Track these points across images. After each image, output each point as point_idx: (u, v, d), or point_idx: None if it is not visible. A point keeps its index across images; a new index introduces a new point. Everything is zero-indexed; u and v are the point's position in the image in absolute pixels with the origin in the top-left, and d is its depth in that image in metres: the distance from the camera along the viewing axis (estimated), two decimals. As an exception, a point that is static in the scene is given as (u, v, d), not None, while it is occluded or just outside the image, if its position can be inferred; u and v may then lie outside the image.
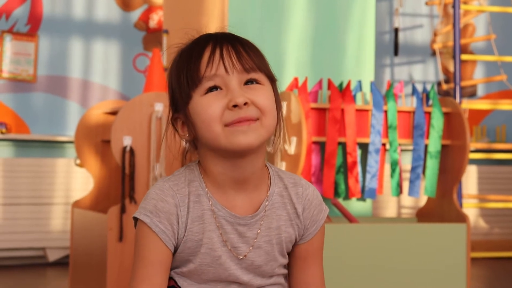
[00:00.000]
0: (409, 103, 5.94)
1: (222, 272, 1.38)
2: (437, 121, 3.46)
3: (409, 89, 5.72)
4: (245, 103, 1.32)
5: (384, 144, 3.48)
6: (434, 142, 3.46)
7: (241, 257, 1.39)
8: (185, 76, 1.35)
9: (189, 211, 1.37)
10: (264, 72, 1.38)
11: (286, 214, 1.43)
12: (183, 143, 1.44)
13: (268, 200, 1.41)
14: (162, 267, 1.37)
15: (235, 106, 1.31)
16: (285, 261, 1.46)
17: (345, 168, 3.45)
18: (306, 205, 1.44)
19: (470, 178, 5.63)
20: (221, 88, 1.34)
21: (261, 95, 1.35)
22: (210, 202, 1.38)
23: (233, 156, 1.36)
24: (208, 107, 1.33)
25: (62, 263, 4.84)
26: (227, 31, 1.42)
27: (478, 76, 6.06)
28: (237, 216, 1.38)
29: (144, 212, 1.37)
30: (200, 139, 1.38)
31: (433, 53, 5.91)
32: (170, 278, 1.41)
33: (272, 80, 1.40)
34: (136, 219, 1.39)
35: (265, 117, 1.34)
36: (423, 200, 5.10)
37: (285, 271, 1.47)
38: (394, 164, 3.46)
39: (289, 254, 1.48)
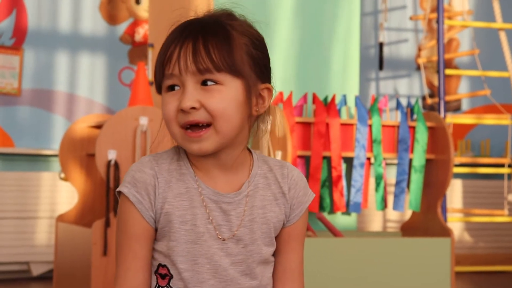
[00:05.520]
0: (394, 118, 5.96)
1: (205, 253, 1.37)
2: (422, 136, 3.48)
3: (393, 104, 5.74)
4: (193, 107, 1.32)
5: (368, 158, 3.49)
6: (418, 156, 3.47)
7: (224, 239, 1.38)
8: (156, 67, 1.38)
9: (170, 185, 1.37)
10: (227, 70, 1.33)
11: (271, 194, 1.42)
12: None
13: (250, 181, 1.41)
14: (143, 239, 1.37)
15: (182, 110, 1.33)
16: (270, 248, 1.43)
17: (330, 182, 3.46)
18: (291, 185, 1.44)
19: (455, 192, 5.64)
20: (179, 87, 1.34)
21: (214, 98, 1.32)
22: (195, 179, 1.38)
23: None
24: (165, 107, 1.35)
25: (46, 278, 4.81)
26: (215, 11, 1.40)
27: (462, 90, 6.09)
28: (221, 194, 1.38)
29: (124, 184, 1.38)
30: None
31: (418, 68, 5.94)
32: (164, 266, 1.39)
33: (243, 76, 1.34)
34: (119, 194, 1.40)
35: (218, 122, 1.32)
36: (407, 214, 5.11)
37: (270, 272, 1.45)
38: (379, 178, 3.47)
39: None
